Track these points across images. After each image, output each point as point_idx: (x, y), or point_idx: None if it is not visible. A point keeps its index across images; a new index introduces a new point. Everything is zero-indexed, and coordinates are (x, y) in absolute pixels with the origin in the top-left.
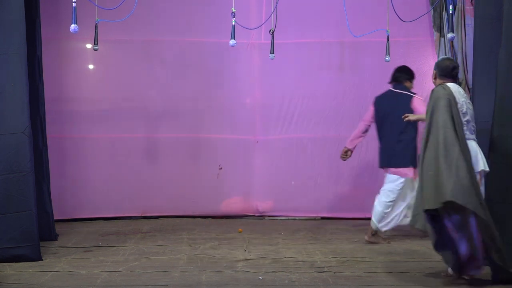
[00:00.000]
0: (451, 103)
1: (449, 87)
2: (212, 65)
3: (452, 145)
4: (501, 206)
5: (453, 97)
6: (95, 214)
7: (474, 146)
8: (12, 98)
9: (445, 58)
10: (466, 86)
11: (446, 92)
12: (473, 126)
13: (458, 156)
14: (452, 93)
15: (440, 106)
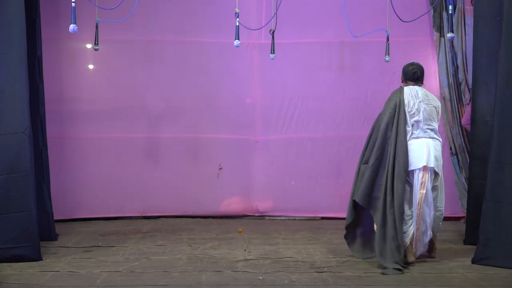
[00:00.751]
0: (396, 106)
1: (404, 90)
2: (212, 65)
3: (380, 145)
4: (501, 206)
5: (402, 100)
6: (95, 214)
7: (421, 144)
8: (12, 98)
9: (409, 63)
10: (466, 86)
11: (397, 95)
12: (427, 125)
13: (378, 157)
14: (403, 96)
15: (388, 107)
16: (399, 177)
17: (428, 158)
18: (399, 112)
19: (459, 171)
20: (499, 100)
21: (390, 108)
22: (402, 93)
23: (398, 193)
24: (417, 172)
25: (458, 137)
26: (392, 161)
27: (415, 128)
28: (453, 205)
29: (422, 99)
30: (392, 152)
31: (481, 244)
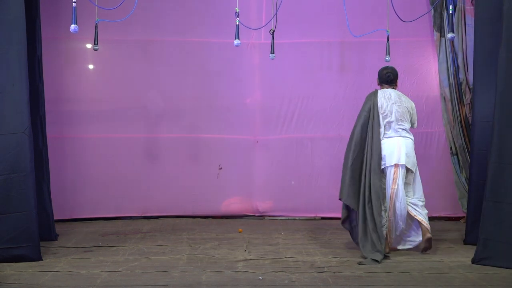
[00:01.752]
0: (370, 108)
1: (378, 93)
2: (212, 65)
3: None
4: (501, 206)
5: (376, 103)
6: (95, 214)
7: (393, 143)
8: (12, 98)
9: (384, 67)
10: (467, 86)
11: (371, 98)
12: (399, 125)
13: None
14: (376, 98)
15: (363, 110)
16: (375, 174)
17: (399, 156)
18: (373, 114)
19: (459, 171)
20: (499, 100)
21: (365, 111)
22: (376, 96)
23: (375, 189)
24: (389, 169)
25: (459, 137)
26: (369, 159)
27: (387, 128)
28: (453, 205)
29: (395, 101)
30: (369, 151)
31: (481, 244)
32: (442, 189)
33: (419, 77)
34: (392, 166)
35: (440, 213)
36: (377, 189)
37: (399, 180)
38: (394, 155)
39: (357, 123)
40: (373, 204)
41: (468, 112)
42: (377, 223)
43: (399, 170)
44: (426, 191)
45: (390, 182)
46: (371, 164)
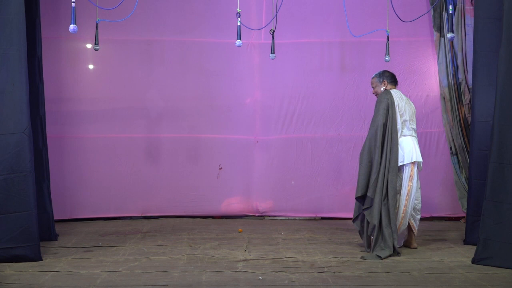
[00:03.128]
0: (388, 106)
1: (391, 92)
2: (212, 65)
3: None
4: (501, 206)
5: (392, 101)
6: (95, 214)
7: (409, 141)
8: (12, 98)
9: (386, 70)
10: (466, 86)
11: (387, 97)
12: (411, 124)
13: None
14: (392, 97)
15: (381, 108)
16: (393, 171)
17: (417, 154)
18: (392, 113)
19: (459, 171)
20: (499, 100)
21: (383, 109)
22: (391, 95)
23: (392, 185)
24: (407, 167)
25: (458, 137)
26: (388, 157)
27: (403, 126)
28: (453, 205)
29: (406, 101)
30: (388, 149)
31: (481, 244)
32: (442, 189)
33: (419, 77)
34: (409, 164)
35: (440, 213)
36: (394, 186)
37: (415, 178)
38: (412, 153)
39: (377, 122)
40: (389, 200)
41: (467, 112)
42: (391, 219)
43: (415, 168)
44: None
45: (406, 179)
46: (390, 162)
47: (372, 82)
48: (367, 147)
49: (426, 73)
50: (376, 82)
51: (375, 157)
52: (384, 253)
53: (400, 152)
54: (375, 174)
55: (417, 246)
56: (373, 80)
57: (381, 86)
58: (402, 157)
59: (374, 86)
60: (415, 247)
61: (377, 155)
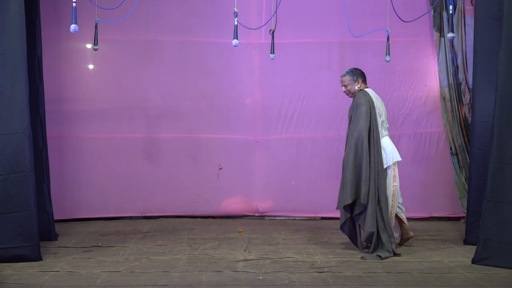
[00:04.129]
0: (370, 109)
1: (368, 92)
2: (212, 65)
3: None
4: (501, 206)
5: (372, 102)
6: (95, 214)
7: (388, 141)
8: (12, 98)
9: (356, 67)
10: (466, 86)
11: (367, 98)
12: (386, 124)
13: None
14: (372, 99)
15: (363, 111)
16: (382, 175)
17: (396, 153)
18: (373, 114)
19: (459, 171)
20: (499, 100)
21: (366, 112)
22: (370, 96)
23: (382, 190)
24: (389, 168)
25: (458, 137)
26: (375, 161)
27: (381, 127)
28: (453, 205)
29: (380, 100)
30: (374, 153)
31: (481, 244)
32: (442, 189)
33: (419, 77)
34: (391, 164)
35: (440, 213)
36: (384, 190)
37: (397, 177)
38: (393, 153)
39: (361, 125)
40: (382, 205)
41: (468, 112)
42: (386, 223)
43: (397, 167)
44: (426, 191)
45: (391, 180)
46: (378, 166)
47: (344, 80)
48: (353, 152)
49: (426, 73)
50: (349, 80)
51: (363, 161)
52: (384, 254)
53: (383, 154)
54: (367, 179)
55: (413, 234)
56: (345, 78)
57: (355, 84)
58: (385, 159)
59: (346, 85)
60: (412, 235)
61: (365, 160)
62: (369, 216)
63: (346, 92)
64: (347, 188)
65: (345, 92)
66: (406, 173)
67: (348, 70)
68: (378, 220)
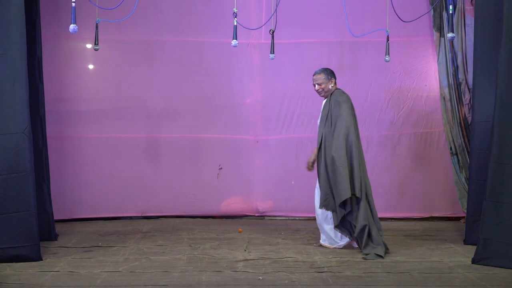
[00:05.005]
0: (352, 106)
1: (345, 91)
2: (212, 65)
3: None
4: (501, 206)
5: (351, 101)
6: (95, 214)
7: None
8: (12, 98)
9: (328, 67)
10: (466, 86)
11: (347, 96)
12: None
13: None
14: (349, 97)
15: (347, 108)
16: (365, 170)
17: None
18: (354, 112)
19: (459, 171)
20: (499, 100)
21: (351, 109)
22: (346, 93)
23: (368, 184)
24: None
25: (458, 137)
26: (361, 156)
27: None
28: (453, 205)
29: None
30: (360, 151)
31: (481, 244)
32: (442, 189)
33: (419, 77)
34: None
35: (440, 213)
36: (369, 184)
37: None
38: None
39: (348, 122)
40: (370, 199)
41: (468, 112)
42: (374, 216)
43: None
44: (426, 191)
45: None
46: (363, 161)
47: (318, 78)
48: (343, 148)
49: (426, 73)
50: (323, 78)
51: (354, 157)
52: (380, 250)
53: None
54: (359, 174)
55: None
56: (320, 76)
57: (329, 83)
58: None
59: (321, 83)
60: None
61: (355, 155)
62: (362, 209)
63: (319, 91)
64: (344, 183)
65: (317, 91)
66: (406, 173)
67: (322, 69)
68: (368, 215)
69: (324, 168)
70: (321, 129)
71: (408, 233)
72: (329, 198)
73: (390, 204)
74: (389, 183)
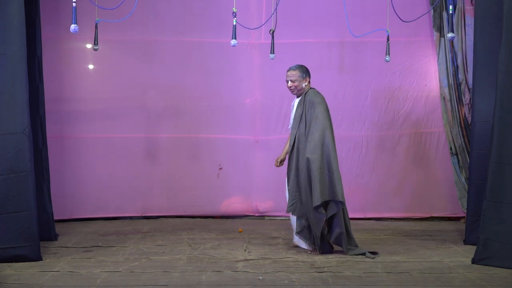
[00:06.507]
0: (327, 107)
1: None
2: (212, 65)
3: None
4: (501, 206)
5: (326, 102)
6: (95, 214)
7: None
8: (12, 98)
9: (303, 65)
10: (466, 86)
11: (323, 97)
12: None
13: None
14: (324, 98)
15: (324, 110)
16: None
17: None
18: (329, 113)
19: (459, 171)
20: (499, 100)
21: (327, 111)
22: (321, 94)
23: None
24: None
25: (458, 137)
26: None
27: None
28: (453, 205)
29: None
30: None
31: (481, 244)
32: (442, 189)
33: (419, 77)
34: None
35: (440, 213)
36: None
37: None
38: None
39: (326, 124)
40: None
41: (468, 112)
42: (347, 221)
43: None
44: (426, 191)
45: None
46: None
47: (293, 75)
48: (319, 151)
49: (426, 73)
50: (298, 76)
51: (332, 160)
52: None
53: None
54: (339, 178)
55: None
56: (294, 73)
57: (303, 82)
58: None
59: (294, 80)
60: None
61: (333, 158)
62: (340, 216)
63: (291, 88)
64: (316, 189)
65: (290, 87)
66: (406, 173)
67: (298, 65)
68: (346, 218)
69: (295, 171)
70: (294, 130)
71: (408, 233)
72: (296, 202)
73: (390, 204)
74: (389, 183)
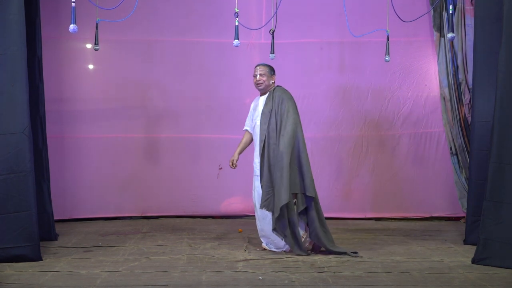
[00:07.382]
0: (296, 104)
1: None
2: (212, 65)
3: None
4: (501, 206)
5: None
6: (95, 214)
7: None
8: (12, 98)
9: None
10: (466, 86)
11: (290, 94)
12: None
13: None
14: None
15: (294, 106)
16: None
17: None
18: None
19: (459, 171)
20: (499, 100)
21: (295, 107)
22: (289, 92)
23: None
24: None
25: (458, 137)
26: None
27: None
28: (453, 205)
29: None
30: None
31: (481, 244)
32: (442, 189)
33: (419, 77)
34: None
35: (440, 213)
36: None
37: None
38: None
39: (297, 120)
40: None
41: (468, 112)
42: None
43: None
44: (426, 191)
45: None
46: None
47: (263, 69)
48: (291, 144)
49: (426, 73)
50: (267, 72)
51: (302, 155)
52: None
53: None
54: (309, 172)
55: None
56: (264, 68)
57: (271, 79)
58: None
59: (263, 74)
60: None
61: (304, 153)
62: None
63: (259, 82)
64: (285, 185)
65: (257, 81)
66: (406, 173)
67: (266, 64)
68: (320, 215)
69: (267, 167)
70: (264, 126)
71: (408, 233)
72: (270, 198)
73: (390, 204)
74: (389, 183)
